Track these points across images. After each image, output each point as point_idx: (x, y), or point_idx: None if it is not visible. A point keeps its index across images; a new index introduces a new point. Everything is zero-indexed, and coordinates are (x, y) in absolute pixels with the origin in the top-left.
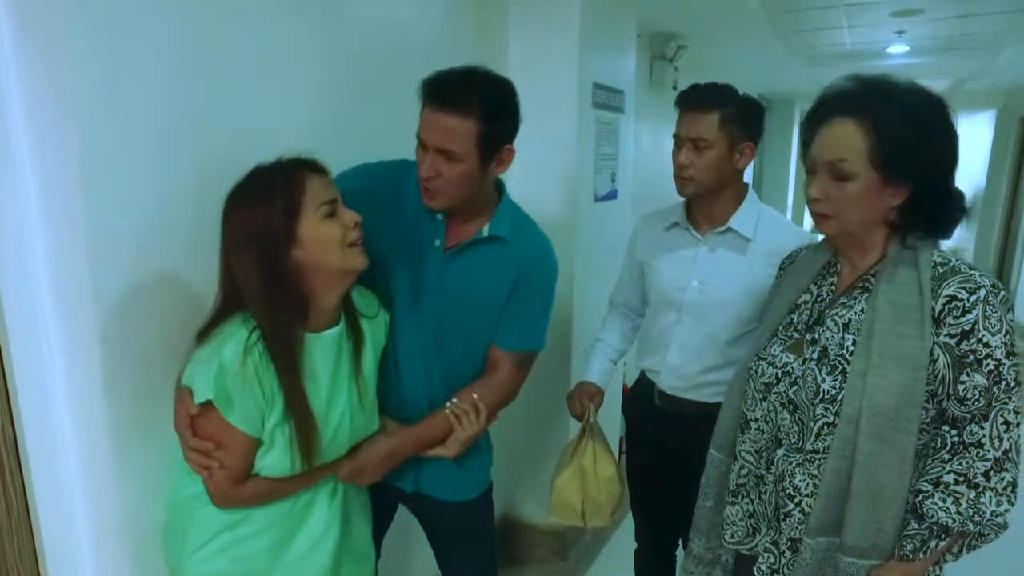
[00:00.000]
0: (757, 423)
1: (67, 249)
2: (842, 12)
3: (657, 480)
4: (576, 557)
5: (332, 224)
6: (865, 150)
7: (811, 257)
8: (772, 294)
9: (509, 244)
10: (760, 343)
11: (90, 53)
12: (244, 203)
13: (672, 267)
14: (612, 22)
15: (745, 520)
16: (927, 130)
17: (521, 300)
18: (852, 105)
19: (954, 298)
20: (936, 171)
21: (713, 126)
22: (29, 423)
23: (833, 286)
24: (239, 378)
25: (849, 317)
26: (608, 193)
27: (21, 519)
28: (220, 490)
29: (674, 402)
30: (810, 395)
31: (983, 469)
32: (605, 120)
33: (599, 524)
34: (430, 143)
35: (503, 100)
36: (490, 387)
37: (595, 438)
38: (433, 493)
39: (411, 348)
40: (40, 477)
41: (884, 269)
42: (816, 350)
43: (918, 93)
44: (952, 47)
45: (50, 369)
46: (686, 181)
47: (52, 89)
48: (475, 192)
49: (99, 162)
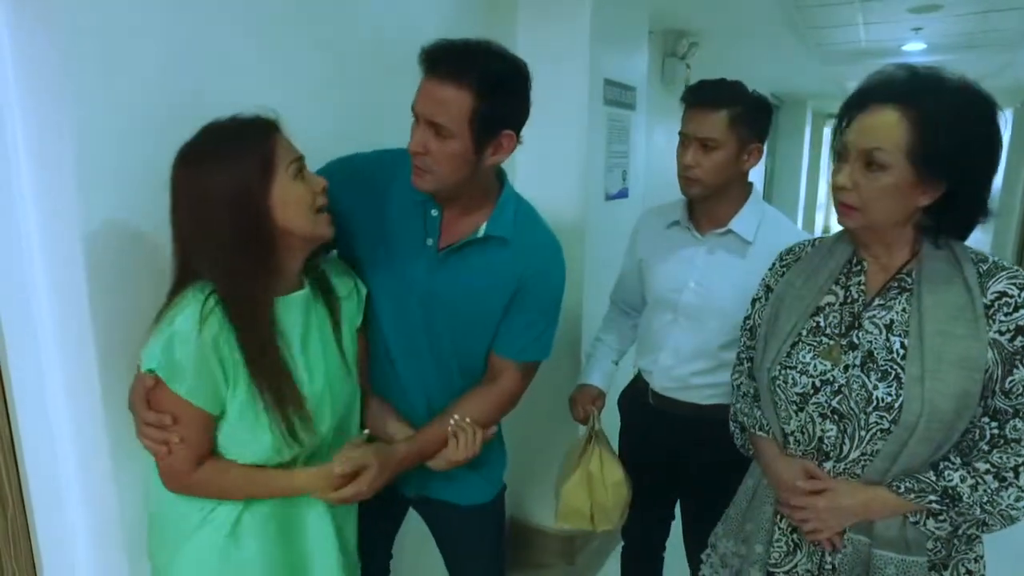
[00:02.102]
0: (793, 435)
1: (63, 245)
2: (857, 8)
3: (649, 479)
4: (584, 562)
5: (300, 184)
6: (905, 142)
7: (825, 255)
8: (780, 294)
9: (510, 246)
10: (776, 349)
11: (86, 43)
12: (208, 161)
13: (670, 267)
14: (623, 18)
15: (786, 538)
16: (973, 133)
17: (524, 308)
18: (898, 94)
19: (1004, 294)
20: (975, 176)
21: (723, 125)
22: (25, 421)
23: (862, 286)
24: (194, 348)
25: (891, 318)
26: (619, 192)
27: (17, 518)
28: (172, 470)
29: (668, 402)
30: (861, 403)
31: (1014, 464)
32: (616, 117)
33: (608, 528)
34: (421, 114)
35: (506, 78)
36: (491, 396)
37: (600, 444)
38: (441, 497)
39: (403, 352)
40: (36, 476)
41: (922, 268)
42: (858, 355)
43: (970, 92)
44: (971, 44)
45: (46, 367)
46: (691, 181)
47: (47, 79)
48: (468, 179)
49: (94, 154)
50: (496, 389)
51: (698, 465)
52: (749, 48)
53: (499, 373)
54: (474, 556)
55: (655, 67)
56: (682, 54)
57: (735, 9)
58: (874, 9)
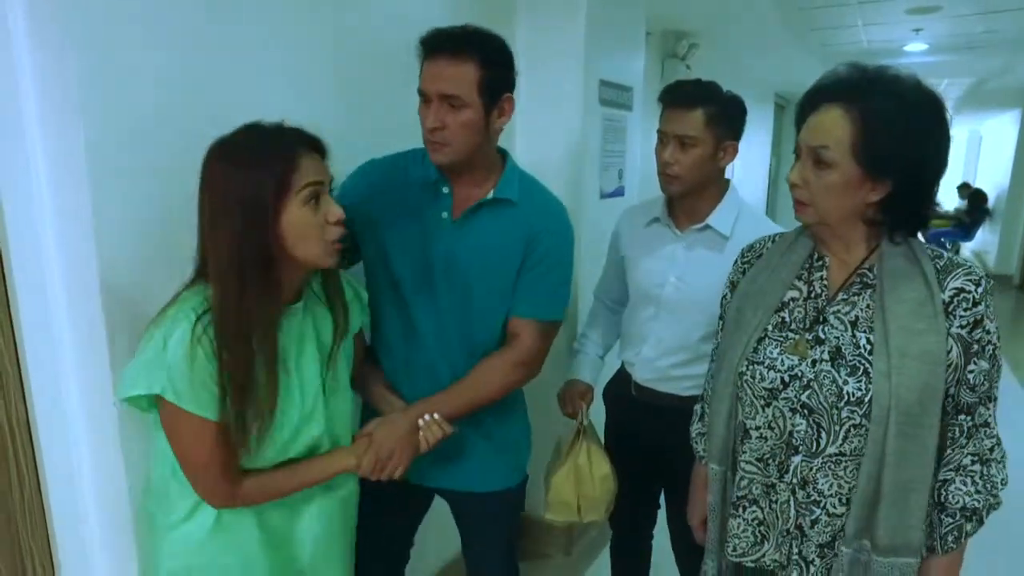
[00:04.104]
0: (759, 431)
1: (77, 239)
2: (856, 10)
3: (634, 470)
4: (580, 552)
5: (310, 212)
6: (849, 140)
7: (786, 250)
8: (743, 290)
9: (517, 206)
10: (743, 344)
11: (95, 46)
12: (234, 160)
13: (651, 263)
14: (619, 19)
15: (753, 529)
16: (917, 130)
17: (535, 265)
18: (843, 93)
19: (962, 290)
20: (920, 173)
21: (699, 123)
22: (40, 406)
23: (824, 281)
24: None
25: (855, 314)
26: (615, 190)
27: (33, 498)
28: (211, 492)
29: (649, 394)
30: (831, 398)
31: (990, 445)
32: (612, 117)
33: (596, 519)
34: (433, 92)
35: (499, 48)
36: (510, 356)
37: (589, 438)
38: (463, 488)
39: (428, 324)
40: (51, 458)
41: (882, 264)
42: (824, 350)
43: (914, 90)
44: (973, 45)
45: (61, 354)
46: (671, 179)
47: (61, 81)
48: (481, 145)
49: (104, 152)
50: (515, 350)
51: (679, 455)
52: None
53: (517, 335)
54: (488, 543)
55: (655, 68)
56: (682, 55)
57: (734, 11)
58: (873, 11)
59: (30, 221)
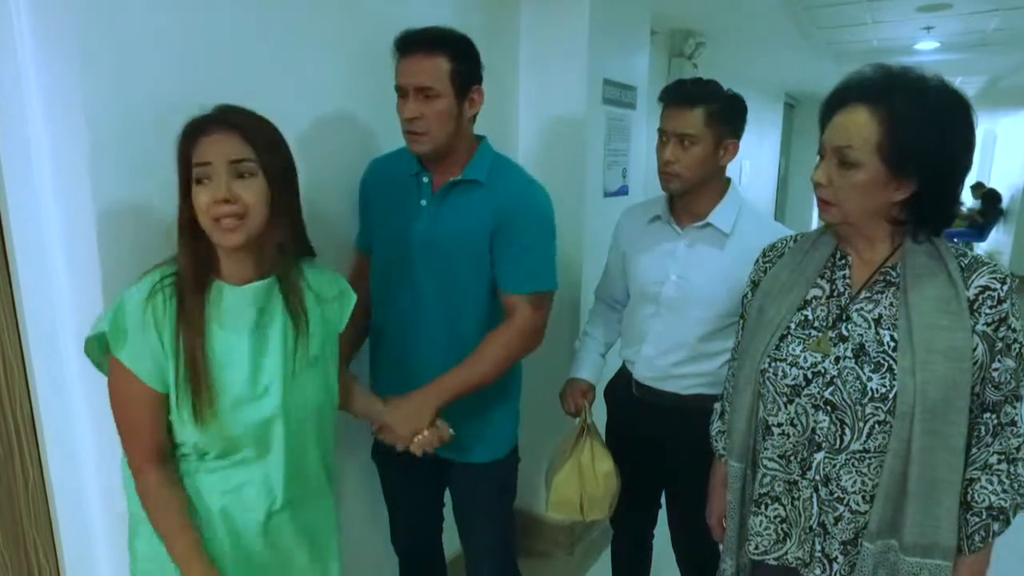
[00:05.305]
0: (781, 427)
1: (79, 235)
2: (865, 8)
3: (635, 468)
4: (582, 551)
5: (200, 191)
6: (875, 140)
7: (808, 249)
8: (765, 288)
9: (484, 186)
10: (765, 342)
11: (99, 45)
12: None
13: (651, 260)
14: (623, 18)
15: (775, 526)
16: (943, 130)
17: (512, 240)
18: (869, 93)
19: (987, 288)
20: (945, 172)
21: (699, 122)
22: (44, 398)
23: (847, 280)
24: (138, 315)
25: (879, 312)
26: (619, 189)
27: (37, 489)
28: (132, 460)
29: (650, 392)
30: (855, 395)
31: (1017, 444)
32: (616, 116)
33: (598, 517)
34: (409, 85)
35: (467, 44)
36: (508, 331)
37: (592, 436)
38: (446, 456)
39: (413, 310)
40: (54, 449)
41: (906, 262)
42: (848, 347)
43: (941, 90)
44: (985, 43)
45: (65, 350)
46: (671, 177)
47: (65, 80)
48: (455, 132)
49: (107, 150)
50: (512, 325)
51: (680, 453)
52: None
53: (511, 310)
54: (473, 513)
55: (661, 67)
56: (689, 54)
57: (740, 9)
58: (882, 8)
59: (34, 218)
